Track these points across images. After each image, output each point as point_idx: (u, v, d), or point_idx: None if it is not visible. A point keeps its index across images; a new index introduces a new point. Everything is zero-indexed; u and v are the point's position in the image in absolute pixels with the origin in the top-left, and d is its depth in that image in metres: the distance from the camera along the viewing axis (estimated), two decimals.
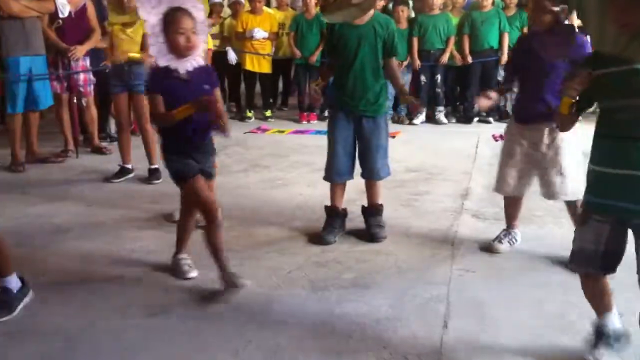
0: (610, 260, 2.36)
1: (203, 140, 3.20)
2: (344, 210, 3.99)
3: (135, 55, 5.03)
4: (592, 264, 2.38)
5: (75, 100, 6.13)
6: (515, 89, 3.78)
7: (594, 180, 2.34)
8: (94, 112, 6.37)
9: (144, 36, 5.17)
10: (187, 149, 3.16)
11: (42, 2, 5.54)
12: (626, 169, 2.22)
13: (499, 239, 3.71)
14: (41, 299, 3.09)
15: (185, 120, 3.00)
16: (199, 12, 3.10)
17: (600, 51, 2.30)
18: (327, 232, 3.85)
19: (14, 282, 2.99)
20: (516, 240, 3.73)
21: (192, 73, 3.07)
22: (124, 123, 5.43)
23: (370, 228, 3.92)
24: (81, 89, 6.13)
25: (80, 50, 5.90)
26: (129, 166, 5.41)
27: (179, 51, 3.02)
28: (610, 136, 2.26)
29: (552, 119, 3.37)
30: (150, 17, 3.00)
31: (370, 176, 3.91)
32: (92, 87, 6.25)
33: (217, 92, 3.23)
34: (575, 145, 3.49)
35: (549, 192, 3.54)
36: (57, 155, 6.07)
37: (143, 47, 5.16)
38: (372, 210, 3.97)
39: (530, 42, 3.47)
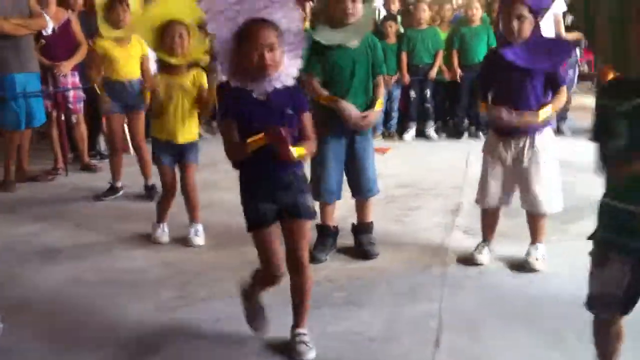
0: (631, 301, 2.18)
1: (283, 173, 2.61)
2: (335, 227, 3.99)
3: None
4: (615, 307, 2.18)
5: (64, 118, 6.12)
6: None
7: (615, 217, 2.10)
8: (83, 129, 6.34)
9: (142, 58, 5.20)
10: (264, 186, 2.61)
11: (34, 20, 5.52)
12: None
13: (478, 249, 3.74)
14: (27, 323, 3.08)
15: (261, 150, 2.48)
16: (291, 23, 2.53)
17: (621, 78, 2.04)
18: (318, 250, 3.84)
19: None
20: (492, 251, 3.76)
21: (271, 94, 2.54)
22: (118, 145, 5.38)
23: (363, 245, 3.91)
24: (70, 106, 6.13)
25: (66, 66, 5.91)
26: (119, 184, 5.38)
27: (254, 71, 2.48)
28: None
29: (532, 131, 3.44)
30: (223, 30, 2.47)
31: (363, 195, 3.91)
32: (81, 104, 6.25)
33: (305, 117, 2.64)
34: (554, 154, 3.55)
35: (531, 204, 3.58)
36: (47, 173, 6.04)
37: (141, 67, 5.20)
38: (363, 228, 3.97)
39: (504, 55, 3.40)
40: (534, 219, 3.65)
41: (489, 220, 3.78)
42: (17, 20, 5.34)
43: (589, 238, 2.19)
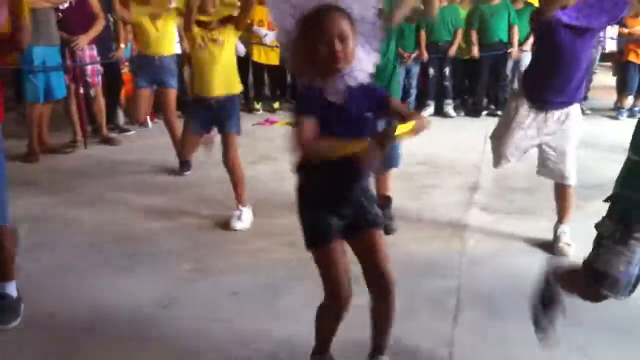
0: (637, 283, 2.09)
1: (352, 186, 2.27)
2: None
3: None
4: (626, 289, 2.07)
5: (82, 91, 6.14)
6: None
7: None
8: (102, 102, 6.37)
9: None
10: (332, 197, 2.27)
11: None
12: None
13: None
14: (50, 289, 3.12)
15: (337, 160, 2.07)
16: (366, 10, 2.13)
17: None
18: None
19: (14, 289, 2.92)
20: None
21: (348, 97, 2.15)
22: (138, 117, 5.44)
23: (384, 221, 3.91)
24: (89, 79, 6.14)
25: (84, 40, 5.91)
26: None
27: (323, 66, 2.09)
28: None
29: (572, 101, 3.39)
30: (287, 19, 2.13)
31: (382, 165, 3.88)
32: (99, 77, 6.26)
33: (391, 103, 2.26)
34: (580, 130, 3.53)
35: (552, 172, 3.56)
36: (67, 145, 6.08)
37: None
38: (382, 202, 3.96)
39: (560, 18, 3.28)
40: (564, 193, 3.60)
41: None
42: None
43: (607, 200, 2.12)
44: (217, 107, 3.98)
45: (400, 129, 2.04)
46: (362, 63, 2.15)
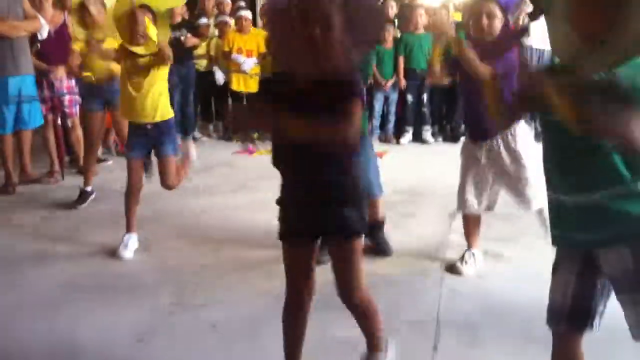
0: (585, 313, 1.97)
1: (323, 179, 2.13)
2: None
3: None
4: (565, 319, 1.99)
5: (60, 121, 6.10)
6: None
7: (556, 210, 1.96)
8: (79, 133, 6.32)
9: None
10: (298, 195, 2.19)
11: (29, 22, 5.50)
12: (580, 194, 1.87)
13: (463, 260, 3.70)
14: (21, 327, 3.06)
15: (297, 151, 2.05)
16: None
17: (556, 63, 1.97)
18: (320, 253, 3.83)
19: None
20: (478, 261, 3.72)
21: (316, 82, 2.05)
22: (95, 144, 5.35)
23: (378, 245, 3.96)
24: (66, 109, 6.11)
25: (61, 70, 5.88)
26: (89, 188, 5.28)
27: (300, 50, 1.99)
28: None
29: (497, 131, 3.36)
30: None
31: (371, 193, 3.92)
32: (77, 107, 6.23)
33: (348, 105, 2.03)
34: (530, 149, 3.46)
35: (521, 201, 3.55)
36: (44, 176, 6.02)
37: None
38: (375, 225, 3.99)
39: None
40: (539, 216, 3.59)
41: (470, 227, 3.76)
42: (12, 22, 5.32)
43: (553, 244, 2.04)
44: (152, 132, 3.97)
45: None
46: (348, 51, 2.01)
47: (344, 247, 2.20)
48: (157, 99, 3.97)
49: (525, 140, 3.50)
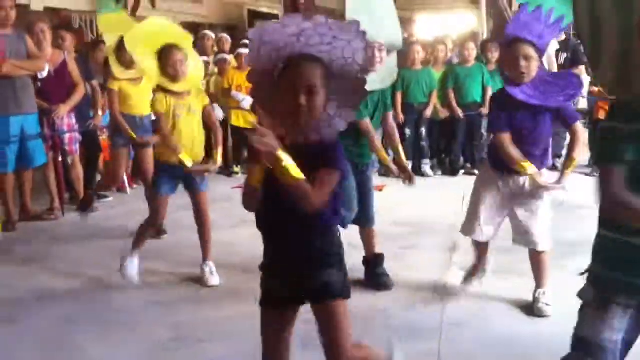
0: (625, 351, 2.00)
1: (300, 245, 2.12)
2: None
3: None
4: (606, 356, 1.96)
5: (60, 159, 6.14)
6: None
7: (619, 252, 1.91)
8: (79, 170, 6.36)
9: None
10: (274, 259, 2.19)
11: (32, 61, 5.57)
12: None
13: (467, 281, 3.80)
14: None
15: (273, 214, 2.08)
16: (351, 66, 2.03)
17: (629, 99, 1.87)
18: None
19: None
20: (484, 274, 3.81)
21: (301, 150, 2.02)
22: (117, 177, 5.50)
23: (378, 277, 3.99)
24: (66, 147, 6.15)
25: (64, 108, 5.95)
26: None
27: (286, 114, 2.04)
28: None
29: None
30: (263, 61, 2.04)
31: (365, 224, 4.02)
32: (77, 145, 6.28)
33: (323, 172, 2.04)
34: (549, 196, 3.54)
35: (524, 239, 3.57)
36: (45, 213, 6.03)
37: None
38: (375, 260, 4.06)
39: (514, 95, 3.37)
40: (536, 258, 3.60)
41: (480, 252, 3.79)
42: (15, 62, 5.38)
43: (584, 273, 2.03)
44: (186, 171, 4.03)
45: (291, 169, 1.93)
46: (332, 120, 2.06)
47: (328, 310, 2.15)
48: (200, 138, 4.13)
49: (548, 181, 3.54)
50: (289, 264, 2.12)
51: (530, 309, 3.57)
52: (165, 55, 3.93)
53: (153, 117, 5.25)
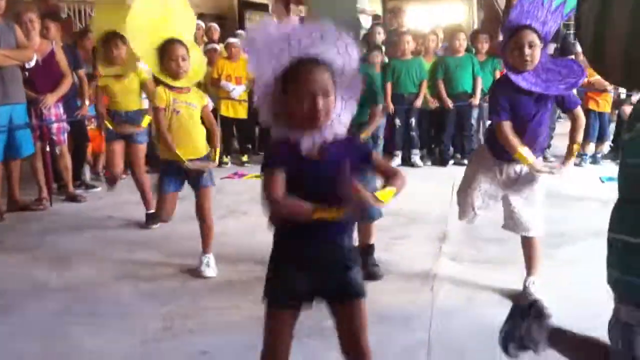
0: None
1: (329, 246, 2.13)
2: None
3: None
4: None
5: (48, 149, 6.10)
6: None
7: (626, 254, 1.69)
8: (67, 160, 6.33)
9: (143, 85, 5.20)
10: (302, 260, 2.13)
11: (21, 51, 5.53)
12: None
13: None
14: (15, 355, 3.03)
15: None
16: (348, 63, 2.07)
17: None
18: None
19: None
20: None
21: (325, 150, 2.06)
22: (117, 170, 5.38)
23: (368, 267, 3.97)
24: (54, 137, 6.12)
25: (51, 98, 5.91)
26: (152, 211, 5.23)
27: (302, 120, 2.02)
28: None
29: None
30: (266, 71, 2.03)
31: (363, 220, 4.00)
32: (65, 135, 6.25)
33: (376, 158, 2.19)
34: (545, 182, 3.56)
35: (516, 225, 3.58)
36: (33, 203, 6.00)
37: (142, 96, 5.22)
38: (366, 250, 4.04)
39: (517, 83, 3.36)
40: (529, 244, 3.61)
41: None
42: (4, 51, 5.34)
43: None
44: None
45: (382, 195, 2.00)
46: (341, 116, 2.11)
47: (356, 309, 2.18)
48: (201, 133, 4.07)
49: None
50: (324, 268, 2.12)
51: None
52: (167, 51, 3.85)
53: (140, 109, 5.27)
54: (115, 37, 4.89)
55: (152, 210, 5.15)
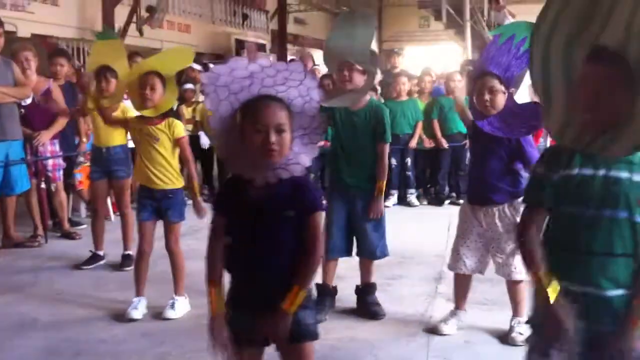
0: None
1: (272, 287, 2.10)
2: (334, 288, 4.08)
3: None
4: None
5: (43, 186, 6.09)
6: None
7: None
8: (63, 197, 6.30)
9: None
10: (245, 301, 2.15)
11: (19, 88, 5.55)
12: (584, 285, 1.93)
13: (444, 320, 3.73)
14: None
15: (251, 257, 2.10)
16: (309, 103, 2.10)
17: (560, 148, 2.01)
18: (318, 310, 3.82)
19: None
20: (461, 321, 3.74)
21: (271, 191, 2.09)
22: (99, 210, 5.38)
23: (370, 307, 3.99)
24: (50, 174, 6.11)
25: (46, 135, 5.92)
26: (101, 253, 5.32)
27: (255, 156, 2.05)
28: (566, 248, 1.97)
29: (499, 201, 3.50)
30: (223, 106, 2.06)
31: (364, 255, 4.05)
32: (61, 172, 6.25)
33: (314, 219, 2.13)
34: None
35: (504, 271, 3.59)
36: (28, 240, 5.96)
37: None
38: (367, 289, 4.06)
39: (480, 126, 3.46)
40: (513, 288, 3.62)
41: (461, 288, 3.78)
42: (1, 89, 5.36)
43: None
44: (160, 198, 4.05)
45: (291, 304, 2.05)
46: (298, 156, 2.11)
47: (302, 351, 2.17)
48: (166, 167, 4.07)
49: (517, 218, 3.52)
50: (265, 302, 2.08)
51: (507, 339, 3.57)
52: (140, 80, 3.99)
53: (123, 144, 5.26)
54: (106, 71, 4.86)
55: (129, 252, 5.15)
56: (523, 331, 3.51)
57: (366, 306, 4.00)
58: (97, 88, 4.98)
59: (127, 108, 5.02)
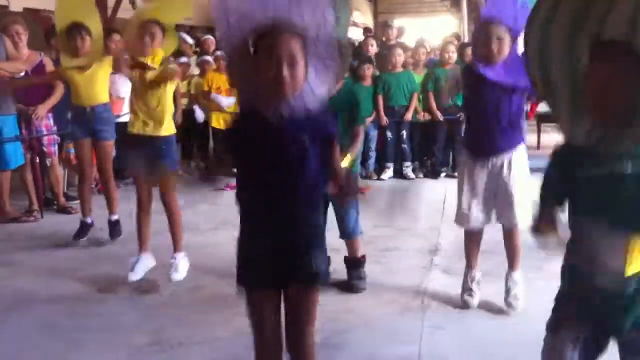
0: None
1: (289, 225, 2.05)
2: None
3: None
4: None
5: (38, 160, 6.07)
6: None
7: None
8: (59, 171, 6.30)
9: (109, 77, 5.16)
10: (263, 241, 2.07)
11: (13, 63, 5.52)
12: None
13: (468, 292, 3.71)
14: None
15: (263, 190, 2.02)
16: (322, 29, 1.96)
17: (571, 147, 1.95)
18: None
19: None
20: (480, 282, 3.74)
21: (287, 119, 1.99)
22: (86, 172, 5.18)
23: (351, 279, 3.99)
24: (44, 148, 6.08)
25: (42, 109, 5.87)
26: (89, 220, 5.23)
27: (268, 88, 1.95)
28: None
29: (509, 148, 3.47)
30: (234, 35, 1.96)
31: (342, 236, 4.04)
32: (56, 146, 6.22)
33: (332, 150, 2.10)
34: (527, 170, 3.56)
35: (508, 217, 3.55)
36: (23, 214, 5.96)
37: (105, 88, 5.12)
38: (351, 263, 4.06)
39: (485, 75, 3.42)
40: (511, 237, 3.60)
41: (472, 245, 3.74)
42: None
43: None
44: (152, 148, 4.07)
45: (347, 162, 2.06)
46: (314, 87, 2.00)
47: (307, 295, 2.11)
48: (163, 112, 4.10)
49: (520, 166, 3.54)
50: (283, 248, 2.04)
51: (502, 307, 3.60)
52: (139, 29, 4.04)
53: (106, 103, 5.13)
54: (79, 29, 4.73)
55: (116, 217, 5.17)
56: (520, 293, 3.55)
57: (349, 279, 4.02)
58: (70, 47, 4.82)
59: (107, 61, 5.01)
